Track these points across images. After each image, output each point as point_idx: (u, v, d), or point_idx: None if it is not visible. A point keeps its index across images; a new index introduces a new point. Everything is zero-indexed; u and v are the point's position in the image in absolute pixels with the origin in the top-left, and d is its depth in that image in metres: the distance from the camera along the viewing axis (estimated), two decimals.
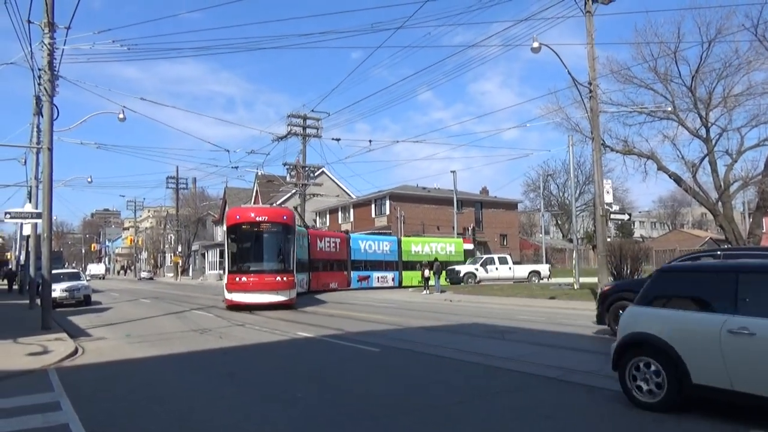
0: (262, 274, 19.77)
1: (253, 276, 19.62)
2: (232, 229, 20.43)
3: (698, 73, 21.74)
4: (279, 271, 20.13)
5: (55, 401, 7.00)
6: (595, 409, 6.26)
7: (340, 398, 7.07)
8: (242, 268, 19.80)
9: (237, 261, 20.06)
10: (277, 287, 19.82)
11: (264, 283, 19.64)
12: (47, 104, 15.11)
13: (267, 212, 21.23)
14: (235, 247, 20.28)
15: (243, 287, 19.49)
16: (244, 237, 20.29)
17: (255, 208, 22.35)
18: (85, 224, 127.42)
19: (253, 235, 20.31)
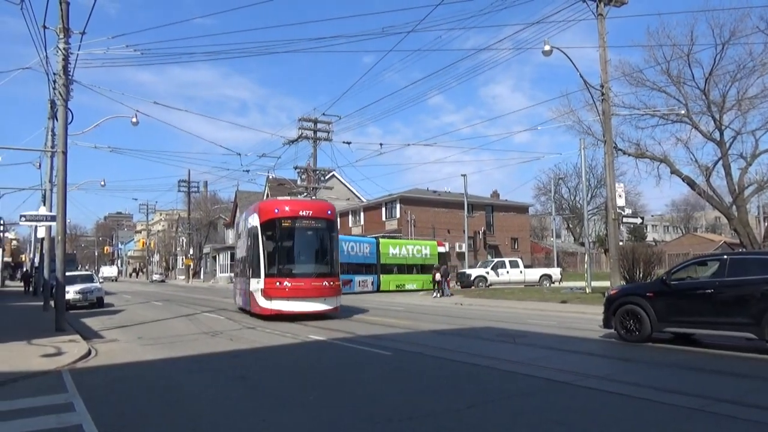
0: (308, 279, 17.13)
1: (297, 281, 16.96)
2: (268, 225, 17.52)
3: (712, 75, 21.56)
4: (326, 275, 17.58)
5: (69, 402, 7.06)
6: (605, 416, 6.20)
7: (352, 401, 7.07)
8: (283, 271, 17.11)
9: (276, 262, 17.22)
10: (324, 294, 17.31)
11: (311, 289, 17.06)
12: (62, 108, 15.28)
13: (311, 206, 18.40)
14: (273, 246, 17.37)
15: (285, 293, 16.79)
16: (285, 234, 17.59)
17: (296, 201, 19.22)
18: (98, 227, 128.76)
19: (295, 232, 17.69)
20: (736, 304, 10.06)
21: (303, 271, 17.38)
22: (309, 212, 17.80)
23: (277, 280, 16.84)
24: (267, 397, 7.31)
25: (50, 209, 21.13)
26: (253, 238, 18.08)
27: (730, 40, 20.88)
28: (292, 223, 17.56)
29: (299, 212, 17.68)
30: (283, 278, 16.89)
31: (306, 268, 17.56)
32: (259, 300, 17.22)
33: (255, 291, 17.54)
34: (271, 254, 17.29)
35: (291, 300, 16.86)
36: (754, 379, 8.14)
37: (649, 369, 8.96)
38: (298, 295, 16.88)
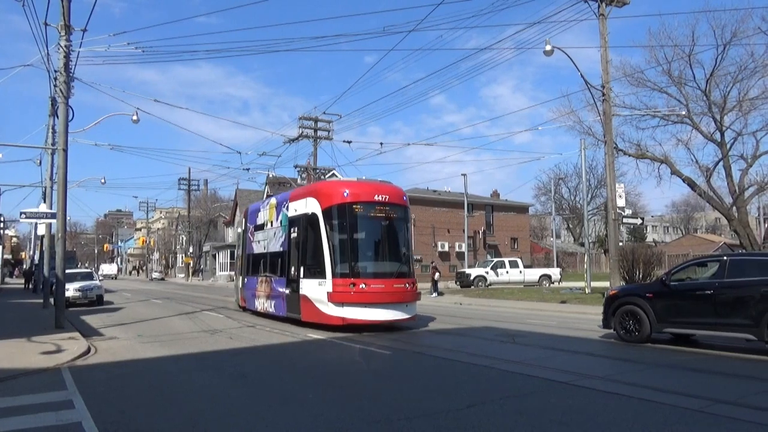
0: (388, 280, 13.96)
1: (377, 282, 13.71)
2: (334, 212, 14.15)
3: (713, 76, 21.56)
4: (405, 275, 14.45)
5: (68, 400, 7.07)
6: (605, 416, 6.21)
7: (351, 400, 7.07)
8: (357, 270, 13.75)
9: (348, 259, 13.87)
10: (406, 298, 14.12)
11: (392, 293, 13.83)
12: (63, 106, 15.28)
13: (386, 189, 14.94)
14: (342, 239, 14.05)
15: (361, 298, 13.42)
16: (358, 224, 14.35)
17: (367, 183, 15.36)
18: (98, 225, 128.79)
19: (370, 221, 14.41)
20: (735, 305, 10.06)
21: (382, 271, 14.28)
22: (385, 197, 14.48)
23: (351, 282, 13.41)
24: (267, 395, 7.32)
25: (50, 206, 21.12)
26: (307, 229, 14.77)
27: (732, 41, 20.90)
28: (366, 210, 14.27)
29: (374, 196, 14.33)
30: (358, 279, 13.50)
31: (385, 266, 14.47)
32: (322, 306, 13.73)
33: (311, 295, 14.12)
34: (341, 249, 13.94)
35: (368, 307, 13.52)
36: (754, 380, 8.14)
37: (649, 370, 8.96)
38: (377, 301, 13.60)
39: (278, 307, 16.37)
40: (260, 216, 18.98)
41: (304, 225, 14.99)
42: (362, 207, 14.20)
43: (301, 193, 15.86)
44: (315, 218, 14.40)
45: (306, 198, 15.17)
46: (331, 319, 13.56)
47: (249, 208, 20.80)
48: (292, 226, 15.73)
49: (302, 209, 15.27)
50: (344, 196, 14.14)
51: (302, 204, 15.34)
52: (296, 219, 15.56)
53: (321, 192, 14.71)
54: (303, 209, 15.20)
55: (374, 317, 13.60)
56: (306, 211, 14.96)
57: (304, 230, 15.01)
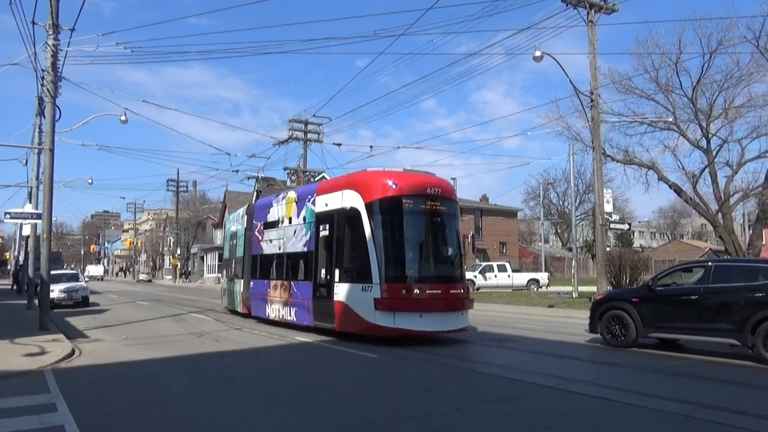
0: (445, 285, 12.36)
1: (434, 287, 12.14)
2: (381, 207, 12.34)
3: (699, 84, 21.78)
4: (459, 279, 12.95)
5: (51, 402, 6.97)
6: (592, 421, 6.24)
7: (337, 404, 7.05)
8: (409, 273, 12.15)
9: (401, 261, 12.26)
10: (464, 306, 12.53)
11: (449, 300, 12.15)
12: (50, 105, 15.14)
13: (437, 182, 13.23)
14: (389, 238, 12.33)
15: (417, 305, 11.77)
16: (409, 221, 12.58)
17: (415, 175, 13.43)
18: (84, 225, 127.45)
19: (422, 218, 12.74)
20: (720, 310, 10.16)
21: (437, 274, 12.70)
22: (437, 190, 12.76)
23: (404, 287, 11.75)
24: (253, 399, 7.27)
25: (36, 207, 20.92)
26: (344, 226, 12.99)
27: (718, 50, 21.13)
28: (417, 205, 12.52)
29: (426, 189, 12.63)
30: (411, 283, 11.87)
31: (439, 269, 12.85)
32: (366, 314, 11.89)
33: (351, 301, 12.36)
34: (390, 249, 12.21)
35: (423, 315, 11.84)
36: (738, 385, 8.22)
37: (635, 374, 9.02)
38: (433, 308, 11.95)
39: (300, 315, 14.35)
40: (272, 212, 16.99)
41: (340, 221, 13.13)
42: (413, 201, 12.43)
43: (334, 186, 14.04)
44: (356, 214, 12.51)
45: (342, 191, 13.23)
46: (377, 330, 11.73)
47: (255, 204, 19.00)
48: (322, 223, 13.88)
49: (336, 203, 13.33)
50: (392, 188, 12.36)
51: (336, 198, 13.40)
52: (327, 215, 13.68)
53: (363, 184, 12.81)
54: (337, 203, 13.27)
55: (430, 327, 11.92)
56: (342, 206, 13.01)
57: (338, 227, 13.18)
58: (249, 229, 18.66)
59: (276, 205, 16.82)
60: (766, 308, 9.55)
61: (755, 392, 7.89)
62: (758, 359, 9.64)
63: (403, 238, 12.43)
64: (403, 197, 12.36)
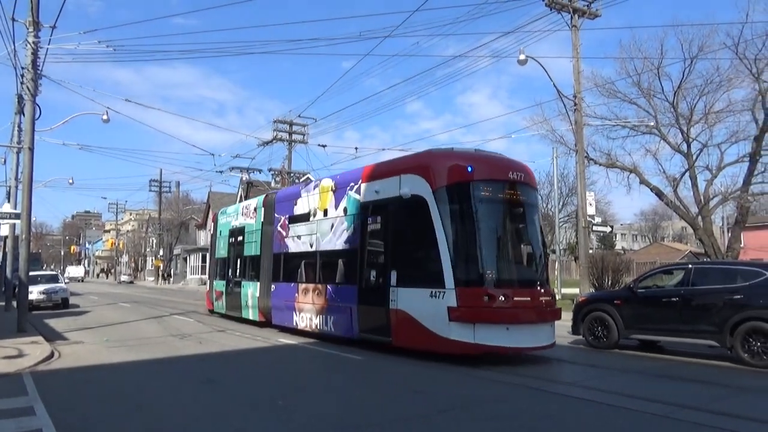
0: (533, 290, 10.19)
1: (521, 293, 9.95)
2: (455, 195, 10.23)
3: (680, 89, 22.10)
4: (545, 283, 10.82)
5: (29, 406, 6.85)
6: (574, 422, 6.28)
7: (322, 406, 7.02)
8: (490, 276, 9.93)
9: (476, 261, 9.98)
10: (554, 315, 10.41)
11: (540, 309, 10.08)
12: (29, 103, 14.92)
13: (520, 166, 11.17)
14: (465, 233, 10.17)
15: (501, 316, 9.67)
16: (489, 213, 10.51)
17: (497, 157, 11.40)
18: (65, 226, 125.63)
19: (504, 210, 10.72)
20: (699, 312, 10.32)
21: (523, 277, 10.59)
22: (520, 175, 10.77)
23: (486, 292, 9.62)
24: (236, 401, 7.21)
25: (15, 206, 20.54)
26: (404, 218, 10.91)
27: (699, 55, 21.44)
28: (498, 193, 10.46)
29: (508, 174, 10.60)
30: (494, 289, 9.74)
31: (525, 271, 10.76)
32: (436, 326, 9.78)
33: (415, 310, 10.22)
34: (467, 246, 10.05)
35: (512, 328, 9.72)
36: (717, 386, 8.34)
37: (617, 375, 9.11)
38: (522, 319, 9.84)
39: (342, 325, 12.15)
40: (300, 204, 14.62)
41: (397, 213, 11.05)
42: (492, 188, 10.39)
43: (387, 170, 11.76)
44: (420, 203, 10.35)
45: (400, 176, 11.12)
46: (451, 346, 9.59)
47: (277, 194, 16.66)
48: (371, 215, 11.76)
49: (391, 191, 11.22)
50: (467, 172, 10.28)
51: (391, 184, 11.26)
52: (378, 205, 11.56)
53: (430, 166, 10.59)
54: (392, 191, 11.16)
55: (518, 343, 9.76)
56: (401, 194, 10.85)
57: (395, 220, 11.13)
58: (268, 224, 16.22)
59: (305, 196, 14.51)
60: (744, 310, 9.72)
61: (733, 393, 8.02)
62: (736, 360, 9.79)
63: (481, 233, 10.17)
64: (482, 183, 10.28)
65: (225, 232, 19.81)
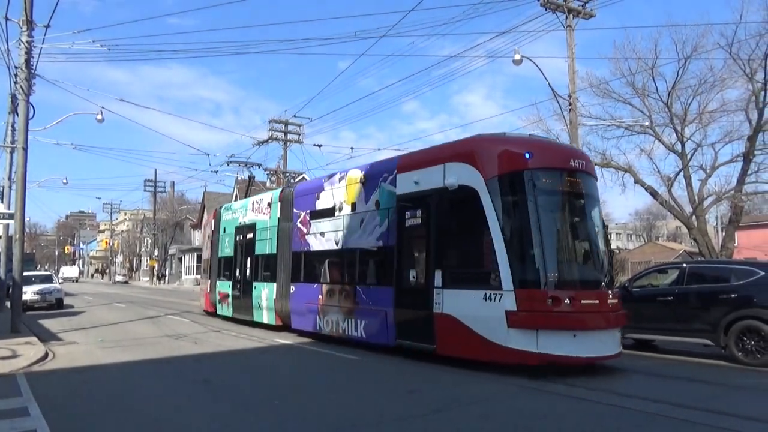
0: (600, 292, 9.20)
1: (588, 295, 8.95)
2: (511, 185, 9.26)
3: (674, 89, 22.22)
4: (611, 284, 9.93)
5: (23, 407, 6.82)
6: (569, 420, 6.30)
7: (317, 406, 7.01)
8: (553, 276, 8.88)
9: (538, 259, 8.93)
10: (621, 321, 9.41)
11: (609, 313, 9.06)
12: (23, 103, 14.85)
13: (580, 153, 10.68)
14: (524, 227, 9.05)
15: (569, 321, 8.67)
16: (548, 205, 9.37)
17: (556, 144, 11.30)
18: (59, 226, 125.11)
19: (565, 202, 9.69)
20: (694, 311, 10.38)
21: (588, 277, 9.61)
22: (582, 163, 9.82)
23: (550, 295, 8.60)
24: (231, 402, 7.20)
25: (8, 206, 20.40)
26: (450, 211, 9.92)
27: (692, 56, 21.58)
28: (558, 184, 9.52)
29: (570, 161, 9.65)
30: (559, 290, 8.72)
31: (591, 270, 9.76)
32: (491, 332, 8.78)
33: (465, 315, 9.18)
34: (527, 243, 8.99)
35: (580, 335, 8.66)
36: (711, 384, 8.38)
37: (611, 374, 9.14)
38: (592, 325, 8.81)
39: (375, 331, 11.16)
40: (323, 198, 13.53)
41: (442, 206, 9.98)
42: (553, 178, 9.42)
43: (428, 158, 10.61)
44: (470, 195, 9.32)
45: (444, 164, 10.00)
46: (509, 355, 8.58)
47: (296, 188, 15.55)
48: (409, 209, 10.70)
49: (433, 181, 10.12)
50: (525, 159, 9.25)
51: (434, 174, 10.15)
52: (418, 198, 10.49)
53: (481, 153, 9.52)
54: (436, 181, 10.05)
55: (586, 352, 8.64)
56: (446, 185, 9.76)
57: (439, 214, 10.04)
58: (285, 220, 15.02)
59: (329, 189, 13.36)
60: (738, 309, 9.78)
61: (728, 391, 8.06)
62: (730, 359, 9.86)
63: (542, 227, 9.05)
64: (541, 172, 9.25)
65: (230, 229, 18.55)
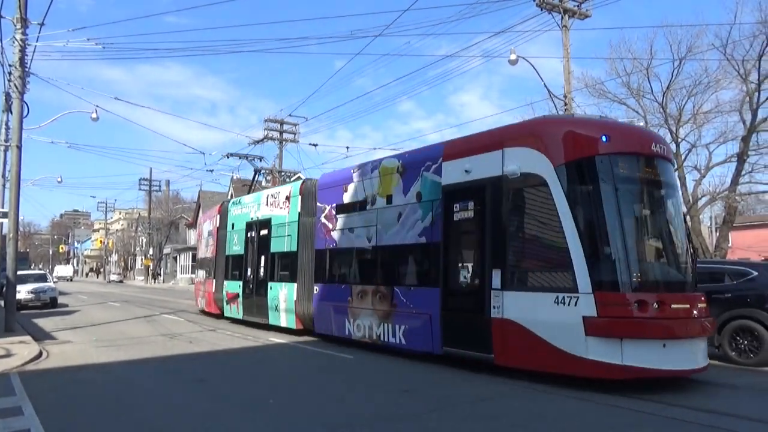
0: (689, 295, 8.16)
1: (677, 299, 7.88)
2: (585, 172, 8.19)
3: (669, 89, 22.32)
4: (695, 285, 8.63)
5: (17, 406, 6.79)
6: (566, 421, 6.32)
7: (313, 405, 7.01)
8: (638, 277, 7.86)
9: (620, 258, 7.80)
10: (709, 328, 8.21)
11: (698, 319, 7.93)
12: (17, 101, 14.80)
13: (659, 136, 9.57)
14: (603, 221, 7.93)
15: (658, 329, 7.61)
16: (629, 194, 8.36)
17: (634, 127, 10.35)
18: (53, 225, 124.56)
19: (644, 191, 8.63)
20: None
21: (674, 278, 8.45)
22: (663, 147, 8.71)
23: (637, 299, 7.50)
24: (227, 401, 7.18)
25: (2, 205, 20.33)
26: (517, 203, 8.72)
27: (687, 56, 21.69)
28: (638, 171, 8.44)
29: (651, 146, 8.45)
30: (645, 293, 7.66)
31: (676, 270, 8.53)
32: (565, 341, 7.75)
33: (532, 321, 8.13)
34: (607, 239, 7.89)
35: (669, 344, 7.60)
36: (704, 384, 8.40)
37: None
38: (684, 333, 7.74)
39: (418, 337, 10.12)
40: (352, 190, 12.40)
41: (500, 196, 8.81)
42: (633, 165, 8.36)
43: (482, 143, 9.42)
44: (537, 184, 8.32)
45: (503, 149, 8.87)
46: (587, 367, 7.57)
47: (319, 180, 14.13)
48: (460, 201, 9.54)
49: (490, 169, 9.02)
50: (602, 143, 8.14)
51: (490, 161, 9.05)
52: (469, 187, 9.38)
53: (549, 136, 8.46)
54: (493, 169, 8.97)
55: (677, 364, 7.64)
56: (505, 172, 8.73)
57: (496, 205, 8.84)
58: (307, 215, 13.87)
59: (360, 180, 12.21)
60: (732, 309, 9.83)
61: (721, 390, 8.09)
62: (724, 358, 9.91)
63: (623, 221, 7.98)
64: (620, 158, 8.18)
65: (240, 225, 17.30)
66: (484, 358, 8.76)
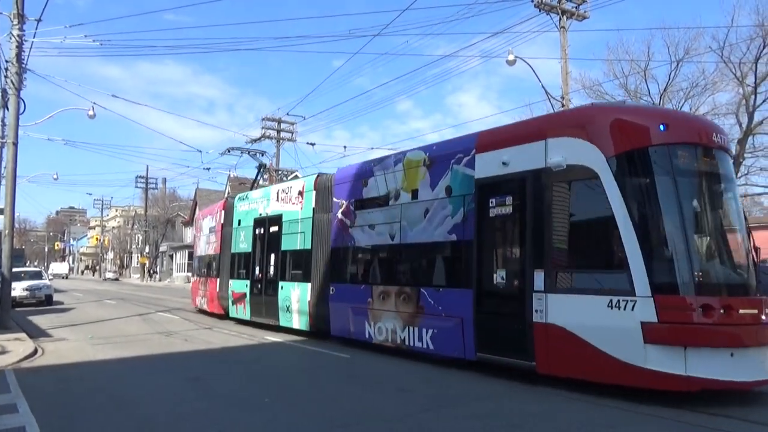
0: (754, 298, 7.36)
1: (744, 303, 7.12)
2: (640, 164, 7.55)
3: (666, 91, 22.43)
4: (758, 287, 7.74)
5: (12, 403, 6.78)
6: (559, 420, 6.34)
7: (308, 404, 7.02)
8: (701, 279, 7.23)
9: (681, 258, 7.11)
10: None
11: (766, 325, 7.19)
12: (13, 98, 14.76)
13: (718, 127, 8.82)
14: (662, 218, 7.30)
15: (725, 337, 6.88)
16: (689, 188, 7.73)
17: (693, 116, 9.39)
18: (49, 222, 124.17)
19: (704, 185, 7.90)
20: None
21: (738, 281, 7.71)
22: (723, 138, 8.08)
23: (703, 303, 6.84)
24: (222, 399, 7.18)
25: None
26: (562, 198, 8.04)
27: (685, 58, 21.80)
28: (697, 163, 7.75)
29: (712, 137, 7.79)
30: (710, 297, 7.00)
31: (739, 272, 7.81)
32: (628, 351, 6.99)
33: (580, 327, 7.47)
34: (667, 237, 7.27)
35: (737, 353, 6.89)
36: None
37: None
38: (753, 341, 7.01)
39: (448, 342, 9.44)
40: (372, 185, 11.67)
41: (543, 190, 8.12)
42: (693, 157, 7.67)
43: (521, 133, 8.87)
44: (586, 176, 7.67)
45: (546, 140, 8.23)
46: (645, 377, 6.88)
47: (335, 175, 13.24)
48: (496, 196, 8.83)
49: (530, 161, 8.38)
50: (659, 132, 7.52)
51: (530, 152, 8.42)
52: (507, 181, 8.72)
53: (601, 124, 7.83)
54: (533, 161, 8.33)
55: (744, 375, 6.86)
56: (549, 164, 8.07)
57: (539, 201, 8.16)
58: (322, 211, 13.16)
59: (381, 174, 11.51)
60: None
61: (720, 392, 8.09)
62: None
63: (685, 218, 7.36)
64: (679, 149, 7.53)
65: (247, 221, 16.57)
66: (525, 365, 8.10)
